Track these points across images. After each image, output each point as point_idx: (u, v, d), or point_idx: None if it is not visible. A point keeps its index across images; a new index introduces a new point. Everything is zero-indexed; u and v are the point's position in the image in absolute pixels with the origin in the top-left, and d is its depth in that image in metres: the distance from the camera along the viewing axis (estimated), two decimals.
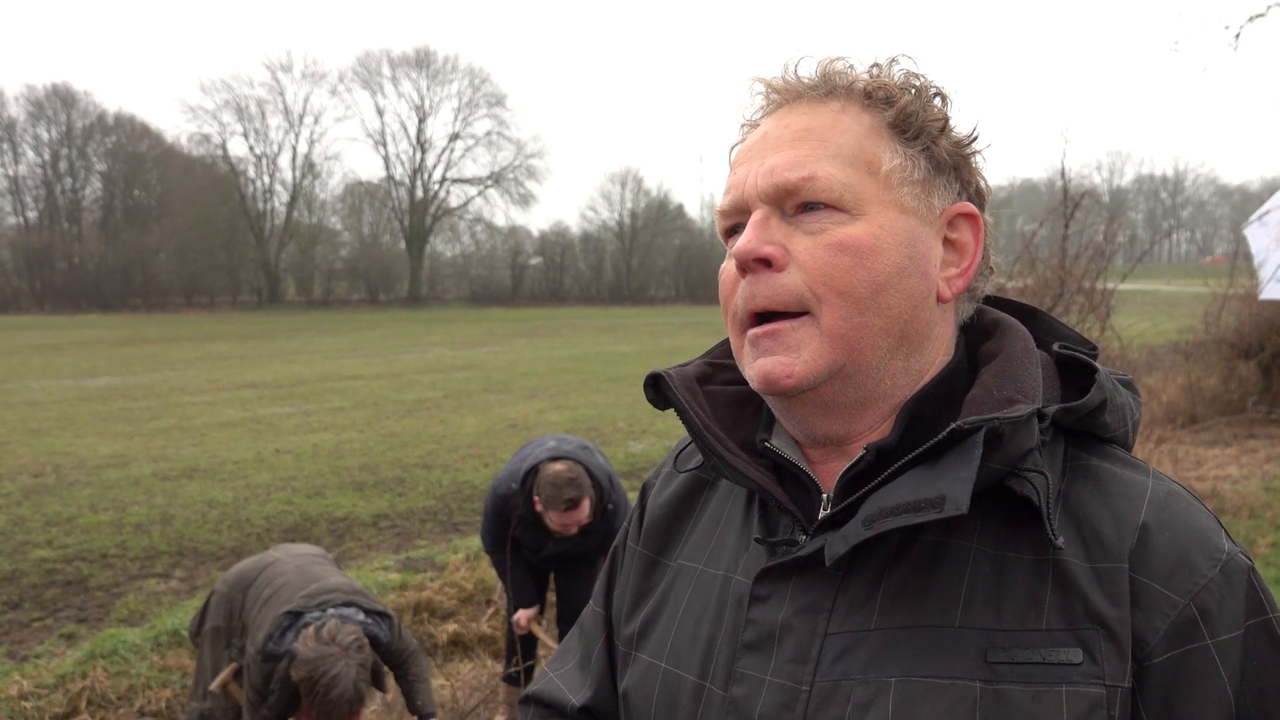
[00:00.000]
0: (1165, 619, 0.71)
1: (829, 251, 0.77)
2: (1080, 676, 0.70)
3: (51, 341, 28.70)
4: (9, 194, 58.46)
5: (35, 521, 7.46)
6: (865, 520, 0.74)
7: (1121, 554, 0.73)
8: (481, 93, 65.90)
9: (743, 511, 0.90)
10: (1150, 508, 0.75)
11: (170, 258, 55.37)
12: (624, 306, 57.96)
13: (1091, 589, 0.72)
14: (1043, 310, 0.91)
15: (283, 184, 63.24)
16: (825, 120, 0.82)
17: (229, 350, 25.30)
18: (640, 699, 0.88)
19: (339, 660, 2.94)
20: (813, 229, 0.79)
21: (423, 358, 22.43)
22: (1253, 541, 5.96)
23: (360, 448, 10.60)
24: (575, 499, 3.57)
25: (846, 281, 0.77)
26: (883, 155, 0.81)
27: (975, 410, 0.77)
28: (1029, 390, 0.78)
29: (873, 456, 0.80)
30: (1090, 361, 0.83)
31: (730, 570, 0.87)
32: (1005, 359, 0.82)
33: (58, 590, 5.91)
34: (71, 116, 58.60)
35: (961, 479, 0.71)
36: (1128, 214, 36.56)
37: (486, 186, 66.08)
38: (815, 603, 0.78)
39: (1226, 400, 10.82)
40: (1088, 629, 0.71)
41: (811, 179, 0.78)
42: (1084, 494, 0.77)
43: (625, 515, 3.84)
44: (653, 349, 24.22)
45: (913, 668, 0.73)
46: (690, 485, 0.97)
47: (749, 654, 0.80)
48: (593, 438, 10.85)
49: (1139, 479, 0.78)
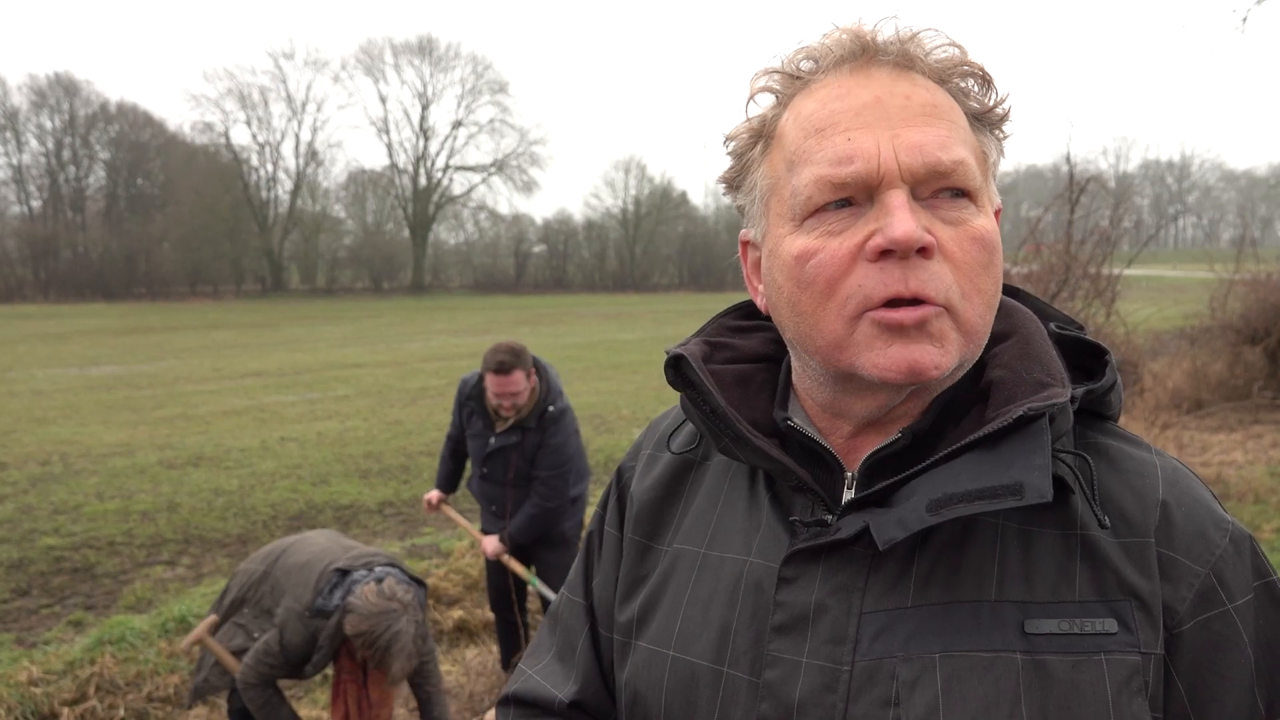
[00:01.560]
0: (1190, 588, 0.74)
1: (974, 246, 0.75)
2: (1117, 645, 0.72)
3: (56, 330, 28.76)
4: (13, 183, 58.56)
5: (42, 509, 7.49)
6: (930, 506, 0.72)
7: (1147, 529, 0.75)
8: (484, 80, 65.77)
9: (746, 492, 0.88)
10: (1164, 485, 0.78)
11: (174, 246, 55.43)
12: (627, 294, 57.90)
13: (1122, 562, 0.74)
14: (1024, 290, 0.91)
15: (286, 172, 63.34)
16: (944, 99, 0.77)
17: (233, 339, 25.34)
18: (648, 687, 0.85)
19: (401, 615, 2.94)
20: (951, 218, 0.75)
21: (426, 346, 22.45)
22: (1257, 527, 5.96)
23: (365, 435, 10.62)
24: (507, 364, 3.80)
25: (984, 280, 0.75)
26: (988, 147, 0.79)
27: (1011, 394, 0.76)
28: (1056, 373, 0.78)
29: (908, 440, 0.79)
30: (1098, 343, 0.83)
31: (742, 553, 0.84)
32: (1023, 340, 0.81)
33: (65, 578, 5.94)
34: (74, 105, 58.58)
35: (1038, 466, 0.71)
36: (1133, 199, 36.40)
37: (490, 174, 65.98)
38: (848, 582, 0.77)
39: (1232, 386, 10.79)
40: (1120, 600, 0.73)
41: (964, 163, 0.74)
42: (1101, 473, 0.78)
43: (564, 431, 3.99)
44: (656, 336, 24.20)
45: (955, 642, 0.73)
46: (677, 467, 0.94)
47: (780, 637, 0.78)
48: (597, 424, 10.87)
49: (1147, 457, 0.80)
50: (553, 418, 3.97)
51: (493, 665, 4.58)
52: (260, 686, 3.09)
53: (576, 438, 4.11)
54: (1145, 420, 8.06)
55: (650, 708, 0.85)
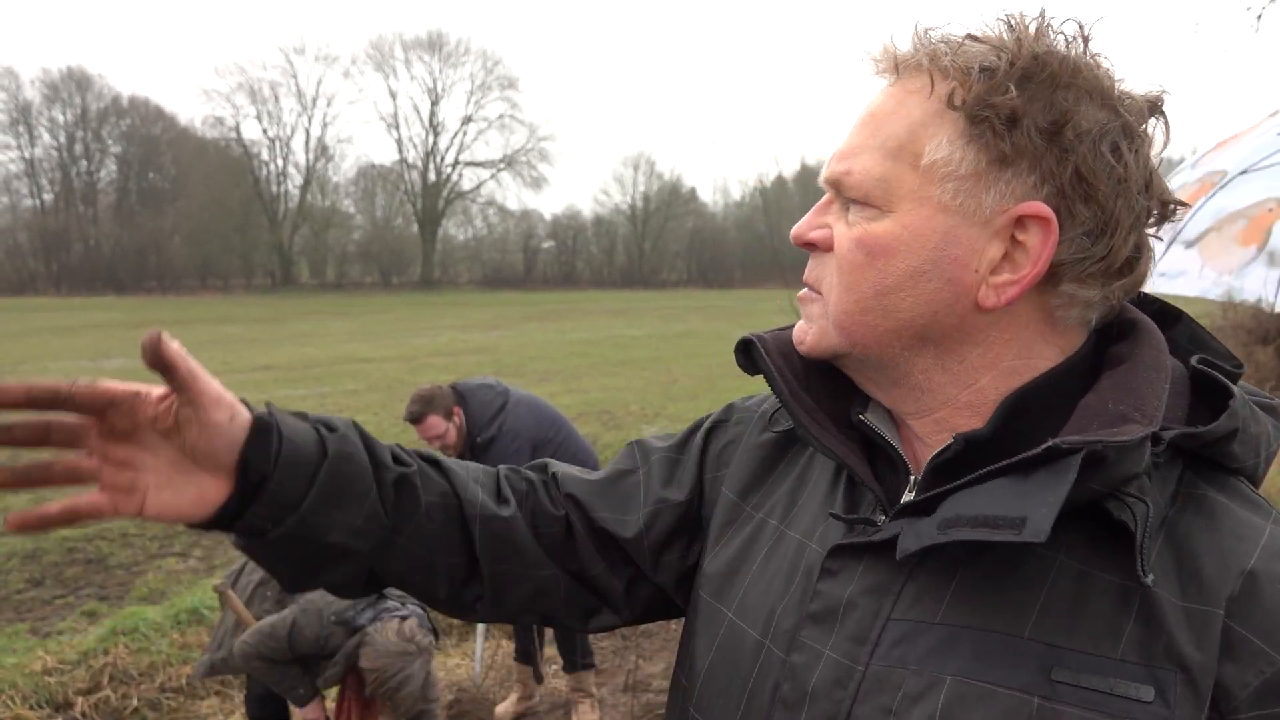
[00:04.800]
0: (1260, 675, 0.66)
1: (851, 246, 0.78)
2: (1146, 716, 0.66)
3: (67, 323, 28.93)
4: (25, 176, 58.89)
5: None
6: (941, 524, 0.71)
7: (1219, 598, 0.67)
8: (494, 75, 65.91)
9: (829, 481, 0.89)
10: (1264, 554, 0.69)
11: (184, 240, 55.70)
12: (636, 290, 57.89)
13: (1179, 628, 0.67)
14: (1188, 316, 0.83)
15: (296, 167, 63.52)
16: (891, 104, 0.77)
17: (243, 333, 25.44)
18: (704, 640, 0.89)
19: (415, 660, 3.00)
20: (851, 220, 0.79)
21: (435, 341, 22.50)
22: None
23: (374, 430, 10.46)
24: (416, 413, 3.89)
25: (854, 278, 0.78)
26: (927, 146, 0.75)
27: (1084, 423, 0.72)
28: (1149, 409, 0.71)
29: (961, 446, 0.76)
30: (1227, 383, 0.75)
31: (807, 537, 0.86)
32: (1131, 367, 0.75)
33: (79, 568, 5.99)
34: (86, 99, 58.92)
35: (1048, 503, 0.66)
36: None
37: (499, 169, 66.13)
38: (883, 584, 0.77)
39: None
40: (1165, 669, 0.66)
41: (847, 174, 0.78)
42: (1192, 526, 0.71)
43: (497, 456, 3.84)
44: (664, 332, 24.21)
45: (971, 669, 0.70)
46: (780, 439, 0.96)
47: (813, 624, 0.80)
48: (605, 421, 10.89)
49: (1257, 521, 0.71)
50: (483, 447, 3.98)
51: (502, 658, 4.61)
52: (257, 658, 3.13)
53: (514, 459, 3.96)
54: None
55: (699, 654, 0.89)
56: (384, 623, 3.05)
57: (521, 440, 3.98)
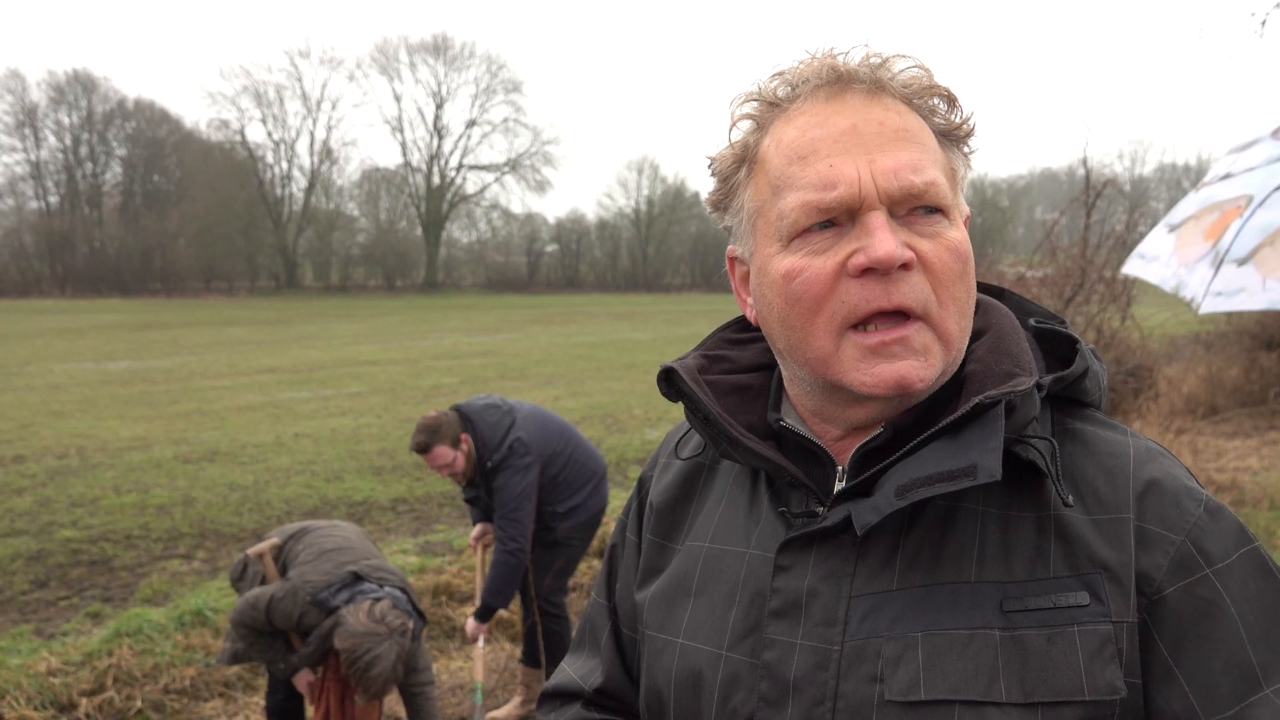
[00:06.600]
0: (1166, 555, 0.78)
1: (950, 257, 0.81)
2: (1089, 616, 0.76)
3: (72, 325, 29.00)
4: (31, 179, 59.02)
5: (60, 502, 7.57)
6: (898, 490, 0.78)
7: (1119, 506, 0.80)
8: (498, 79, 65.86)
9: (748, 491, 0.94)
10: (1136, 464, 0.82)
11: (189, 243, 55.77)
12: (639, 294, 57.91)
13: (1093, 538, 0.78)
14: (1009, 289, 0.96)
15: (300, 170, 63.59)
16: (914, 121, 0.83)
17: (247, 335, 25.49)
18: (660, 674, 0.92)
19: (384, 640, 3.03)
20: (928, 232, 0.81)
21: (439, 344, 22.53)
22: (1273, 533, 5.92)
23: (378, 432, 10.68)
24: (423, 444, 3.86)
25: (958, 288, 0.81)
26: (956, 162, 0.85)
27: (981, 385, 0.82)
28: (1025, 363, 0.83)
29: (890, 434, 0.83)
30: (1071, 333, 0.88)
31: (743, 545, 0.91)
32: (997, 335, 0.86)
33: (83, 570, 6.00)
34: (92, 102, 59.05)
35: (991, 449, 0.76)
36: (1150, 203, 36.23)
37: (503, 173, 66.08)
38: (838, 568, 0.83)
39: (1248, 391, 10.72)
40: (1091, 573, 0.77)
41: (935, 184, 0.81)
42: (1075, 455, 0.83)
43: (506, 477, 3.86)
44: (668, 336, 24.21)
45: (936, 622, 0.78)
46: (689, 472, 1.02)
47: (777, 621, 0.84)
48: (609, 424, 10.90)
49: (1120, 439, 0.85)
50: (493, 470, 3.94)
51: (504, 661, 4.61)
52: (240, 625, 3.21)
53: (524, 475, 3.92)
54: (1160, 425, 8.02)
55: (662, 692, 0.92)
56: (357, 604, 3.10)
57: (531, 457, 3.95)
